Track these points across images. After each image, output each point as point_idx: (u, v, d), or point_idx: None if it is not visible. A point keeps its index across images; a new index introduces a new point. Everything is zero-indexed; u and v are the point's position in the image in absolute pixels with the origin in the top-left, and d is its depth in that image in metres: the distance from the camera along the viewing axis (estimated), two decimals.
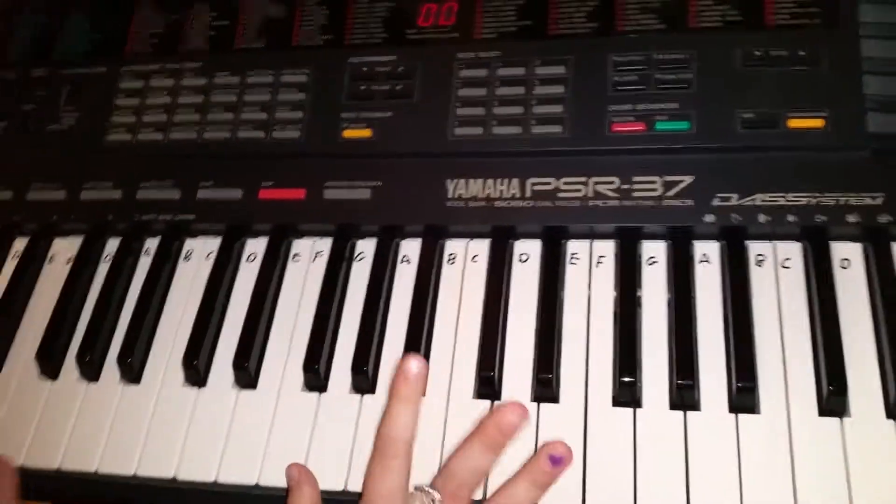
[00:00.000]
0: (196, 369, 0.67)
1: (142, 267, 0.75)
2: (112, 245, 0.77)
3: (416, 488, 0.55)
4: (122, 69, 0.80)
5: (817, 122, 0.65)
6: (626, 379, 0.60)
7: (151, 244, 0.76)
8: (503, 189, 0.69)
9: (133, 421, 0.67)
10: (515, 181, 0.69)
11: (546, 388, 0.62)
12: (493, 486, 0.57)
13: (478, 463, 0.55)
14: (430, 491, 0.55)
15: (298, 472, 0.58)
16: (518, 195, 0.69)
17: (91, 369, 0.69)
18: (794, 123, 0.66)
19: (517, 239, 0.70)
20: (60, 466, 0.66)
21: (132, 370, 0.68)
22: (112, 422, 0.67)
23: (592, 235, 0.69)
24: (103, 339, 0.71)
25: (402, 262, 0.71)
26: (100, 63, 0.81)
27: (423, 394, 0.57)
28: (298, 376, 0.66)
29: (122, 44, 0.81)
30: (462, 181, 0.70)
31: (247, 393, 0.67)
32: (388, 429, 0.55)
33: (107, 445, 0.66)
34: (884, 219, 0.63)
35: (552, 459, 0.54)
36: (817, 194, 0.64)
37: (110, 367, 0.70)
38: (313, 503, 0.57)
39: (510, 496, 0.55)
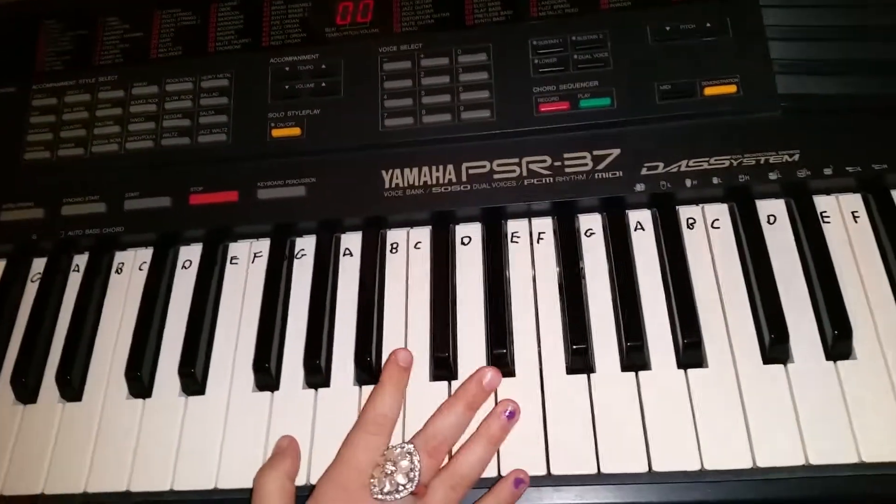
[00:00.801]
0: (140, 380, 0.65)
1: (72, 284, 0.73)
2: (39, 265, 0.74)
3: (394, 445, 0.57)
4: (32, 87, 0.77)
5: (730, 88, 0.69)
6: (578, 346, 0.62)
7: (81, 260, 0.74)
8: (439, 175, 0.70)
9: (78, 438, 0.65)
10: (450, 167, 0.70)
11: (501, 362, 0.62)
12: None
13: (459, 419, 0.59)
14: (406, 444, 0.57)
15: (287, 443, 0.61)
16: (454, 180, 0.70)
17: (26, 391, 0.67)
18: (710, 91, 0.69)
19: (458, 223, 0.71)
20: (1, 492, 0.63)
21: (72, 387, 0.66)
22: (55, 441, 0.65)
23: (530, 213, 0.70)
24: (37, 359, 0.69)
25: (345, 255, 0.71)
26: (8, 83, 0.78)
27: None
28: (248, 377, 0.65)
29: (30, 62, 0.78)
30: (398, 171, 0.70)
31: (195, 399, 0.65)
32: (377, 405, 0.59)
33: (52, 465, 0.64)
34: (802, 173, 0.66)
35: (508, 414, 0.59)
36: (738, 156, 0.67)
37: (48, 387, 0.67)
38: (293, 472, 0.59)
39: (471, 453, 0.58)
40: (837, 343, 0.60)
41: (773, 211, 0.68)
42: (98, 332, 0.70)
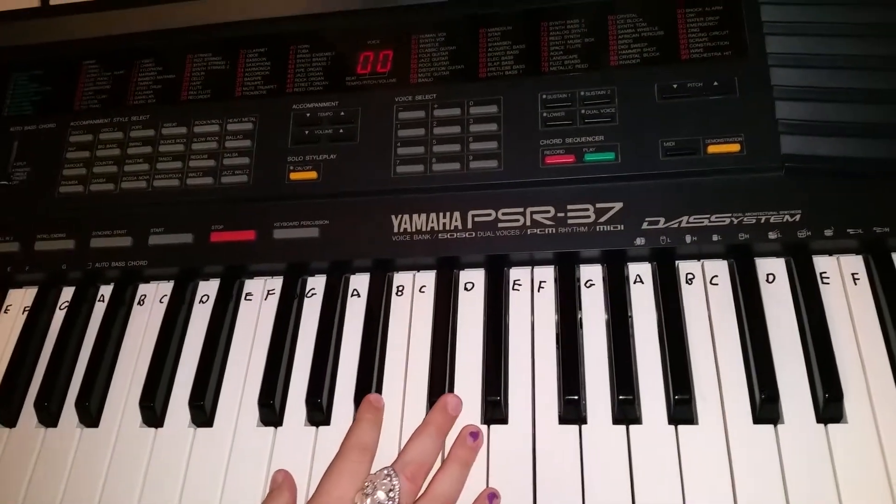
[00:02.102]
0: (153, 410, 0.69)
1: (97, 313, 0.76)
2: (67, 293, 0.78)
3: (377, 471, 0.60)
4: (71, 123, 0.82)
5: (734, 147, 0.70)
6: (571, 397, 0.63)
7: (106, 291, 0.78)
8: (446, 222, 0.72)
9: (92, 463, 0.68)
10: (457, 214, 0.72)
11: (495, 409, 0.64)
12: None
13: (433, 444, 0.62)
14: (386, 468, 0.60)
15: (283, 478, 0.63)
16: (460, 227, 0.72)
17: (49, 415, 0.71)
18: (713, 149, 0.70)
19: (462, 269, 0.73)
20: None
21: (90, 414, 0.70)
22: (71, 465, 0.68)
23: (533, 262, 0.72)
24: (61, 385, 0.72)
25: (353, 295, 0.73)
26: (49, 119, 0.83)
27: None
28: (254, 412, 0.68)
29: (70, 99, 0.83)
30: (406, 216, 0.73)
31: (203, 431, 0.68)
32: (357, 437, 0.63)
33: (67, 489, 0.67)
34: (803, 234, 0.67)
35: (472, 435, 0.63)
36: (739, 214, 0.68)
37: (68, 411, 0.71)
38: None
39: (447, 476, 0.61)
40: (828, 406, 0.60)
41: (772, 269, 0.68)
42: (118, 362, 0.73)
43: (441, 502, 0.60)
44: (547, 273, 0.71)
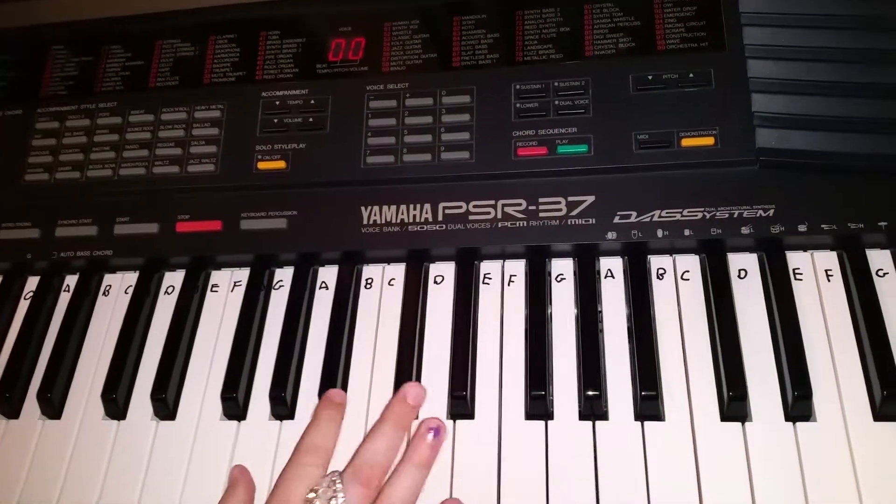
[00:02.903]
0: (115, 403, 0.68)
1: (62, 303, 0.75)
2: (32, 283, 0.77)
3: (324, 477, 0.58)
4: (37, 110, 0.81)
5: (708, 140, 0.69)
6: (537, 393, 0.62)
7: (71, 281, 0.77)
8: (416, 214, 0.71)
9: (54, 455, 0.67)
10: (427, 206, 0.71)
11: (461, 404, 0.64)
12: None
13: (389, 442, 0.60)
14: (331, 473, 0.58)
15: (238, 473, 0.62)
16: (430, 219, 0.71)
17: (10, 407, 0.70)
18: (687, 142, 0.69)
19: (432, 262, 0.72)
20: None
21: (52, 406, 0.69)
22: (32, 457, 0.67)
23: (503, 256, 0.71)
24: (24, 376, 0.71)
25: (321, 288, 0.72)
26: (15, 105, 0.81)
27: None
28: (217, 406, 0.67)
29: (37, 85, 0.82)
30: (376, 208, 0.72)
31: (166, 424, 0.67)
32: (313, 437, 0.61)
33: (27, 481, 0.66)
34: (776, 229, 0.66)
35: (433, 431, 0.60)
36: (712, 208, 0.67)
37: (31, 403, 0.70)
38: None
39: (401, 480, 0.58)
40: (797, 404, 0.59)
41: (744, 265, 0.68)
42: (82, 353, 0.72)
43: None
44: (518, 267, 0.71)
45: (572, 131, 0.71)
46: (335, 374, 0.66)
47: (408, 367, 0.66)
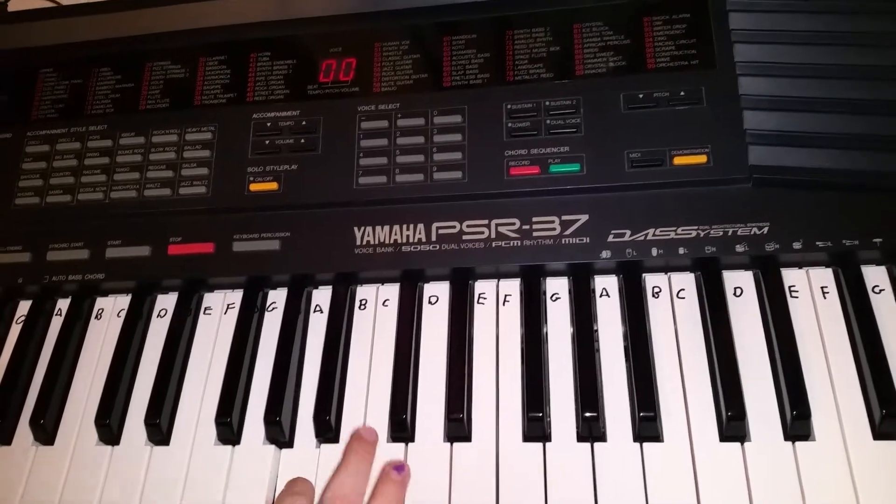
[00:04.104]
0: (109, 428, 0.67)
1: (54, 327, 0.75)
2: (24, 307, 0.77)
3: None
4: (27, 134, 0.80)
5: (701, 158, 0.69)
6: (534, 415, 0.62)
7: (63, 304, 0.76)
8: (409, 234, 0.71)
9: (47, 481, 0.67)
10: (421, 226, 0.71)
11: (458, 426, 0.63)
12: None
13: (358, 473, 0.60)
14: None
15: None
16: (424, 240, 0.71)
17: (2, 433, 0.69)
18: (679, 160, 0.69)
19: (426, 282, 0.72)
20: None
21: (45, 432, 0.68)
22: (26, 483, 0.67)
23: (498, 275, 0.71)
24: (16, 401, 0.71)
25: (315, 311, 0.72)
26: (5, 128, 0.81)
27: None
28: (212, 430, 0.66)
29: (27, 108, 0.81)
30: (369, 228, 0.72)
31: (160, 449, 0.67)
32: (294, 485, 0.60)
33: None
34: (771, 247, 0.66)
35: (396, 469, 0.60)
36: (706, 227, 0.67)
37: (23, 429, 0.69)
38: None
39: None
40: (795, 423, 0.59)
41: (740, 283, 0.67)
42: (75, 377, 0.72)
43: None
44: (512, 286, 0.70)
45: (565, 150, 0.71)
46: (330, 398, 0.65)
47: (403, 388, 0.65)
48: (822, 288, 0.66)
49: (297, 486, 0.60)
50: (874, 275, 0.66)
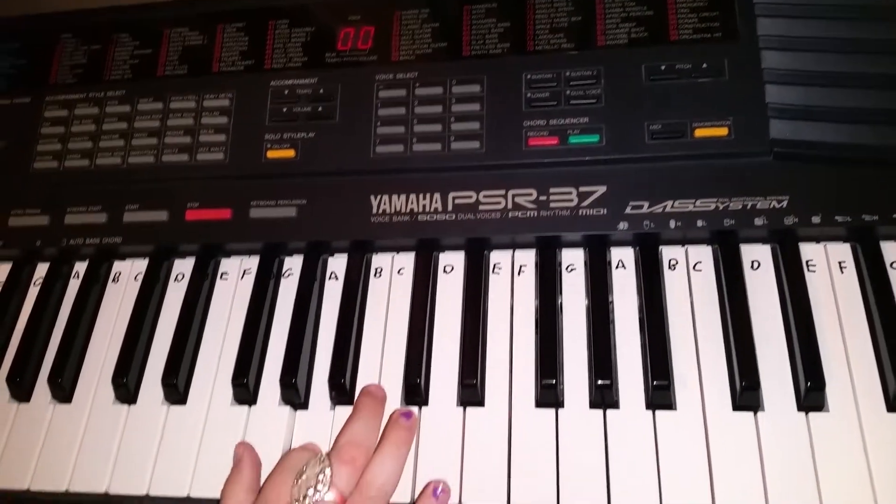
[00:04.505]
0: (126, 387, 0.68)
1: (71, 290, 0.75)
2: (42, 269, 0.77)
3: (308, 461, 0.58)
4: (46, 98, 0.80)
5: (722, 131, 0.68)
6: (547, 381, 0.62)
7: (80, 268, 0.77)
8: (426, 203, 0.71)
9: (65, 439, 0.67)
10: (437, 195, 0.71)
11: (471, 392, 0.63)
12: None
13: (368, 424, 0.61)
14: (322, 454, 0.58)
15: (242, 451, 0.62)
16: (440, 209, 0.71)
17: (22, 390, 0.70)
18: (700, 132, 0.68)
19: (441, 251, 0.72)
20: None
21: (63, 390, 0.69)
22: (44, 441, 0.68)
23: (514, 245, 0.71)
24: (34, 360, 0.71)
25: (331, 278, 0.72)
26: (24, 93, 0.81)
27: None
28: (228, 391, 0.67)
29: (46, 73, 0.82)
30: (386, 197, 0.72)
31: (177, 408, 0.67)
32: (301, 447, 0.62)
33: (39, 463, 0.66)
34: (790, 220, 0.66)
35: (405, 415, 0.61)
36: (725, 199, 0.67)
37: (42, 387, 0.70)
38: (250, 483, 0.60)
39: (380, 461, 0.59)
40: (810, 394, 0.59)
41: (757, 256, 0.67)
42: (91, 338, 0.72)
43: (379, 485, 0.58)
44: (528, 257, 0.70)
45: (584, 121, 0.70)
46: (345, 362, 0.66)
47: (417, 353, 0.66)
48: (839, 263, 0.66)
49: (305, 446, 0.61)
50: (893, 250, 0.65)
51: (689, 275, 0.67)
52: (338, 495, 0.56)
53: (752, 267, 0.67)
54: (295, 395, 0.65)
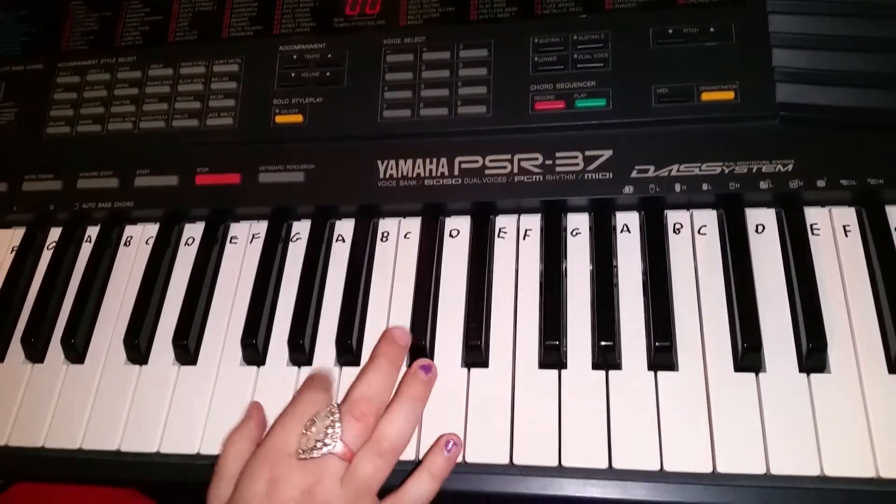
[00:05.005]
0: (137, 348, 0.69)
1: (84, 253, 0.76)
2: (55, 234, 0.78)
3: (321, 409, 0.59)
4: (58, 64, 0.81)
5: (728, 94, 0.68)
6: (550, 342, 0.63)
7: (93, 232, 0.78)
8: (432, 168, 0.71)
9: (78, 399, 0.69)
10: (444, 160, 0.71)
11: (476, 353, 0.64)
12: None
13: (384, 377, 0.61)
14: (334, 406, 0.58)
15: (253, 408, 0.63)
16: (447, 173, 0.71)
17: (35, 351, 0.71)
18: (707, 96, 0.68)
19: (447, 216, 0.72)
20: (7, 443, 0.67)
21: (75, 350, 0.70)
22: (58, 400, 0.69)
23: (519, 210, 0.71)
24: (48, 322, 0.73)
25: (338, 241, 0.73)
26: (37, 59, 0.82)
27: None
28: (237, 352, 0.68)
29: (58, 40, 0.83)
30: (392, 162, 0.72)
31: (187, 369, 0.68)
32: (310, 387, 0.62)
33: (53, 422, 0.68)
34: (794, 184, 0.66)
35: (424, 368, 0.61)
36: (730, 163, 0.67)
37: (55, 348, 0.71)
38: (252, 436, 0.61)
39: (394, 416, 0.59)
40: (812, 355, 0.60)
41: (762, 220, 0.67)
42: (104, 301, 0.74)
43: (386, 446, 0.58)
44: (533, 221, 0.71)
45: (591, 85, 0.70)
46: (352, 323, 0.67)
47: (423, 317, 0.66)
48: (844, 226, 0.66)
49: (314, 387, 0.61)
50: None
51: (694, 238, 0.68)
52: (346, 450, 0.57)
53: (756, 231, 0.67)
54: (303, 355, 0.67)
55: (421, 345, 0.65)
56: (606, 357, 0.62)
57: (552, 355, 0.63)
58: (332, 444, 0.57)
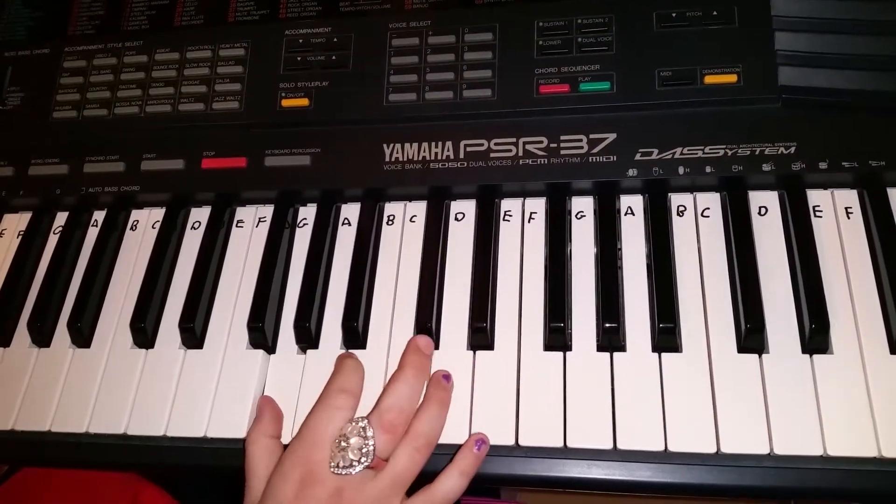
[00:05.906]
0: (143, 331, 0.69)
1: (90, 238, 0.77)
2: (61, 218, 0.79)
3: (353, 419, 0.59)
4: (65, 49, 0.81)
5: (731, 77, 0.69)
6: (555, 324, 0.63)
7: (99, 216, 0.78)
8: (438, 151, 0.72)
9: (84, 383, 0.69)
10: (449, 144, 0.72)
11: (481, 335, 0.65)
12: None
13: (411, 389, 0.61)
14: (361, 420, 0.59)
15: (264, 403, 0.64)
16: (452, 157, 0.71)
17: (42, 335, 0.72)
18: (710, 79, 0.69)
19: (453, 199, 0.73)
20: (14, 427, 0.68)
21: (81, 334, 0.71)
22: (64, 384, 0.69)
23: (524, 193, 0.72)
24: (54, 306, 0.73)
25: (344, 224, 0.73)
26: (43, 44, 0.82)
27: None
28: (243, 336, 0.68)
29: (64, 24, 0.83)
30: (398, 145, 0.73)
31: (194, 352, 0.69)
32: (342, 381, 0.62)
33: (59, 406, 0.68)
34: (797, 166, 0.66)
35: (445, 377, 0.63)
36: (734, 146, 0.67)
37: (61, 332, 0.72)
38: (272, 431, 0.63)
39: (426, 415, 0.60)
40: (814, 337, 0.60)
41: (765, 202, 0.68)
42: (110, 285, 0.74)
43: (423, 441, 0.59)
44: (538, 204, 0.71)
45: (595, 68, 0.71)
46: (358, 306, 0.67)
47: (429, 300, 0.67)
48: (846, 209, 0.67)
49: (335, 401, 0.61)
50: None
51: (697, 221, 0.68)
52: (377, 461, 0.59)
53: (759, 213, 0.67)
54: (308, 337, 0.67)
55: (427, 327, 0.65)
56: (611, 339, 0.63)
57: (557, 337, 0.63)
58: (367, 460, 0.58)
